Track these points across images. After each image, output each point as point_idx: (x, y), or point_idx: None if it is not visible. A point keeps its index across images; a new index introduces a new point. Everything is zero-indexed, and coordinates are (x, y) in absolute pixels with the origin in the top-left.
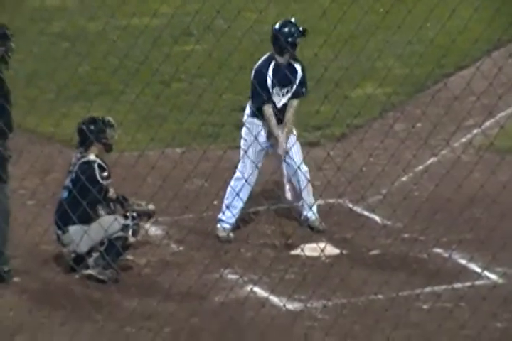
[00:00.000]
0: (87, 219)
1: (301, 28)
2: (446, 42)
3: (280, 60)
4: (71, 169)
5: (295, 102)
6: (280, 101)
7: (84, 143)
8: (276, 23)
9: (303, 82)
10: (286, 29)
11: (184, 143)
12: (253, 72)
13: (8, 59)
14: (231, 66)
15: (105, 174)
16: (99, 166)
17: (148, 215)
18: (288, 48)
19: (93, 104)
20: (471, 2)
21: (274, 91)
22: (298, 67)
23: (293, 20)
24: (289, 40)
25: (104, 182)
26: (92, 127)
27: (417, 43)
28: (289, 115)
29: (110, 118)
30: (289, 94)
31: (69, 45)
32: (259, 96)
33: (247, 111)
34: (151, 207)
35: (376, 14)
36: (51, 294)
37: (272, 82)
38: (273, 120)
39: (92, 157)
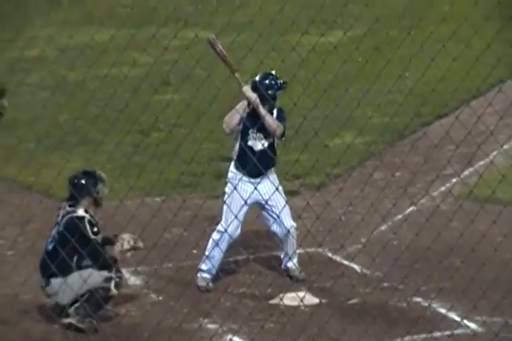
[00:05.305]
0: (70, 273)
1: (281, 81)
2: (425, 91)
3: None
4: (58, 221)
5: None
6: (256, 145)
7: (76, 196)
8: (256, 74)
9: (280, 119)
10: (267, 81)
11: (163, 193)
12: None
13: None
14: (210, 115)
15: (95, 229)
16: (89, 222)
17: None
18: (267, 100)
19: (72, 154)
20: (449, 52)
21: (250, 132)
22: (275, 111)
23: (273, 72)
24: (269, 92)
25: (95, 237)
26: (85, 181)
27: (396, 92)
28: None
29: (102, 173)
30: (265, 141)
31: (48, 95)
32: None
33: (231, 164)
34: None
35: (355, 63)
36: None
37: (246, 123)
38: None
39: (81, 212)
